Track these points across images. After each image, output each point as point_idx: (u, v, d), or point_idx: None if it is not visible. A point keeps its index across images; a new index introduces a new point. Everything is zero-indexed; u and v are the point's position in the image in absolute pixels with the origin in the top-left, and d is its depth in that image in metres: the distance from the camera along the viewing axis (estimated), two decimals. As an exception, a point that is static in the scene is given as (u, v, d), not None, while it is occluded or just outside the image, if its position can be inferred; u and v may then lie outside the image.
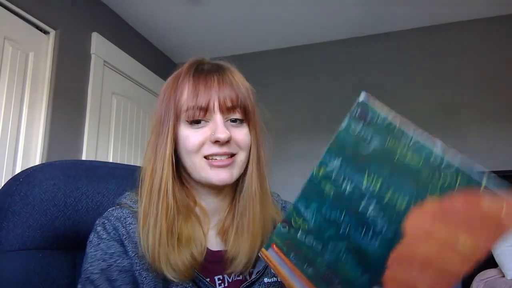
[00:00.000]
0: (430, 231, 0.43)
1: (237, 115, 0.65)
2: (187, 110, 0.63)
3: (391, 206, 0.45)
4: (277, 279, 0.69)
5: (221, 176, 0.64)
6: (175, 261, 0.60)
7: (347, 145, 0.46)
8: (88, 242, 0.63)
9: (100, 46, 2.49)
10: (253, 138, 0.68)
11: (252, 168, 0.68)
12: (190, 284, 0.62)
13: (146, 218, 0.62)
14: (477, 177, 0.40)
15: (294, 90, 3.07)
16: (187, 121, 0.64)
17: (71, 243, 0.69)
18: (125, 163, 2.64)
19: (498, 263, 2.15)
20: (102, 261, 0.60)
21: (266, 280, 0.68)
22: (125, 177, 0.75)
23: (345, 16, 2.75)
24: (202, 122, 0.64)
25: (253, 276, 0.68)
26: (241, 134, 0.66)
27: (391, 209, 0.45)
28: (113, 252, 0.61)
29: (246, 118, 0.67)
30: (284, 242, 0.51)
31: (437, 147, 0.42)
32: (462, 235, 0.41)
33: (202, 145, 0.63)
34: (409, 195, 0.44)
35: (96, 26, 2.50)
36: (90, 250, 0.61)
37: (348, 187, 0.47)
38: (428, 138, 0.42)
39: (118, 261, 0.60)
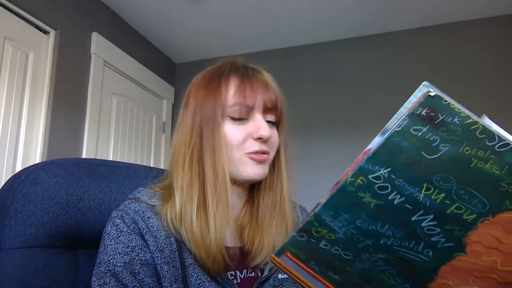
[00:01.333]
0: (499, 243, 0.40)
1: (272, 118, 0.69)
2: (233, 105, 0.66)
3: (455, 219, 0.40)
4: None
5: (257, 171, 0.67)
6: (224, 252, 0.62)
7: (401, 152, 0.38)
8: (105, 234, 0.62)
9: (100, 46, 2.49)
10: (282, 140, 0.72)
11: (281, 168, 0.71)
12: (208, 279, 0.63)
13: (206, 212, 0.62)
14: None
15: (294, 90, 3.07)
16: (230, 116, 0.66)
17: (73, 241, 0.69)
18: (125, 163, 2.64)
19: (498, 262, 2.14)
20: (125, 255, 0.60)
21: (280, 276, 0.69)
22: (126, 175, 0.74)
23: (345, 16, 2.75)
24: (244, 119, 0.67)
25: (266, 273, 0.69)
26: (274, 134, 0.70)
27: (454, 221, 0.40)
28: (135, 246, 0.61)
29: (279, 120, 0.71)
30: (301, 251, 0.45)
31: None
32: None
33: (244, 141, 0.66)
34: (481, 207, 0.39)
35: (96, 26, 2.50)
36: (110, 242, 0.61)
37: (397, 199, 0.40)
38: None
39: (140, 255, 0.60)
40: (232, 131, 0.66)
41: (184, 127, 0.68)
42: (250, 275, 0.69)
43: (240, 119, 0.66)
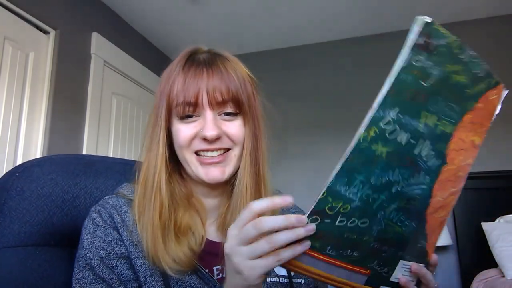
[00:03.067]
0: (463, 142, 0.47)
1: (229, 109, 0.63)
2: (176, 105, 0.62)
3: (442, 135, 0.45)
4: (279, 279, 0.68)
5: (212, 174, 0.62)
6: (175, 252, 0.59)
7: (407, 87, 0.42)
8: (83, 228, 0.62)
9: (100, 46, 2.49)
10: (249, 130, 0.65)
11: (245, 162, 0.64)
12: (189, 273, 0.62)
13: (141, 212, 0.62)
14: (494, 76, 0.46)
15: (294, 90, 3.07)
16: (177, 116, 0.63)
17: (69, 240, 0.68)
18: (125, 163, 2.64)
19: (498, 263, 2.14)
20: (101, 249, 0.60)
21: (268, 279, 0.67)
22: (123, 172, 0.73)
23: (345, 16, 2.75)
24: (194, 116, 0.63)
25: None
26: (234, 127, 0.63)
27: (442, 138, 0.46)
28: (111, 240, 0.61)
29: (241, 110, 0.64)
30: (316, 238, 0.44)
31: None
32: (476, 135, 0.48)
33: (192, 139, 0.62)
34: (456, 116, 0.45)
35: (96, 26, 2.50)
36: (86, 236, 0.61)
37: (404, 139, 0.44)
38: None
39: (116, 248, 0.60)
40: (179, 130, 0.63)
41: (147, 127, 0.68)
42: None
43: (187, 117, 0.63)
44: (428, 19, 0.41)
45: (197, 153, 0.63)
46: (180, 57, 0.67)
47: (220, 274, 0.66)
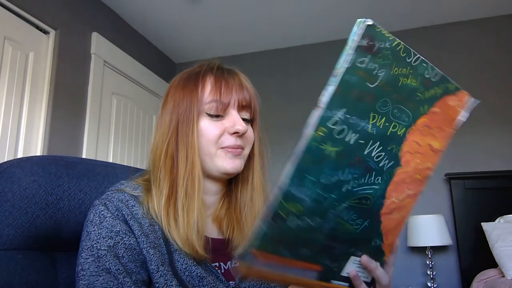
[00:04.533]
0: (419, 146, 0.48)
1: (247, 115, 0.73)
2: (210, 102, 0.69)
3: (393, 137, 0.46)
4: None
5: (234, 164, 0.70)
6: (202, 243, 0.65)
7: (352, 87, 0.43)
8: (87, 222, 0.62)
9: (100, 46, 2.50)
10: (256, 136, 0.75)
11: (256, 162, 0.75)
12: (194, 263, 0.65)
13: (176, 205, 0.65)
14: (453, 82, 0.47)
15: (294, 90, 3.06)
16: (207, 113, 0.69)
17: (51, 243, 0.67)
18: (125, 163, 2.65)
19: (498, 263, 2.12)
20: (109, 239, 0.61)
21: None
22: (105, 174, 0.73)
23: (345, 16, 2.74)
24: (220, 117, 0.70)
25: None
26: (249, 131, 0.73)
27: (392, 140, 0.46)
28: (119, 230, 0.62)
29: (253, 117, 0.75)
30: (269, 241, 0.45)
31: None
32: (434, 139, 0.49)
33: (220, 135, 0.69)
34: (408, 119, 0.46)
35: (96, 26, 2.51)
36: (93, 229, 0.61)
37: (352, 139, 0.44)
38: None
39: (124, 239, 0.61)
40: (208, 127, 0.69)
41: (162, 124, 0.72)
42: (235, 265, 0.71)
43: (216, 116, 0.70)
44: (370, 22, 0.41)
45: (221, 148, 0.70)
46: (199, 66, 0.75)
47: (219, 271, 0.69)
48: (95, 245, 0.60)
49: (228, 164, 0.69)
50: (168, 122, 0.70)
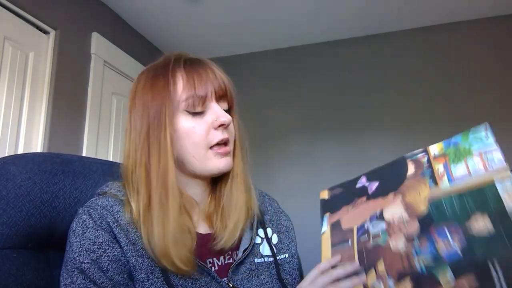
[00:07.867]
0: None
1: (225, 105, 0.69)
2: (186, 99, 0.64)
3: None
4: (265, 259, 0.71)
5: (227, 161, 0.68)
6: (184, 254, 0.61)
7: None
8: (70, 231, 0.60)
9: (100, 46, 2.49)
10: (236, 123, 0.72)
11: (238, 150, 0.71)
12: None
13: (151, 216, 0.61)
14: None
15: (294, 90, 3.05)
16: (186, 111, 0.65)
17: (46, 242, 0.66)
18: (125, 163, 2.64)
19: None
20: (91, 252, 0.58)
21: (257, 260, 0.70)
22: (102, 172, 0.71)
23: (345, 16, 2.73)
24: (201, 113, 0.66)
25: (240, 255, 0.69)
26: (231, 120, 0.70)
27: None
28: (102, 242, 0.59)
29: (231, 106, 0.71)
30: None
31: None
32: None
33: (207, 133, 0.66)
34: None
35: (96, 26, 2.50)
36: (75, 240, 0.59)
37: None
38: None
39: (107, 250, 0.59)
40: (192, 127, 0.65)
41: (132, 131, 0.66)
42: (228, 261, 0.69)
43: (197, 113, 0.66)
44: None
45: (210, 148, 0.67)
46: (165, 60, 0.69)
47: (213, 268, 0.67)
48: (77, 257, 0.58)
49: (220, 163, 0.67)
50: (139, 128, 0.65)
